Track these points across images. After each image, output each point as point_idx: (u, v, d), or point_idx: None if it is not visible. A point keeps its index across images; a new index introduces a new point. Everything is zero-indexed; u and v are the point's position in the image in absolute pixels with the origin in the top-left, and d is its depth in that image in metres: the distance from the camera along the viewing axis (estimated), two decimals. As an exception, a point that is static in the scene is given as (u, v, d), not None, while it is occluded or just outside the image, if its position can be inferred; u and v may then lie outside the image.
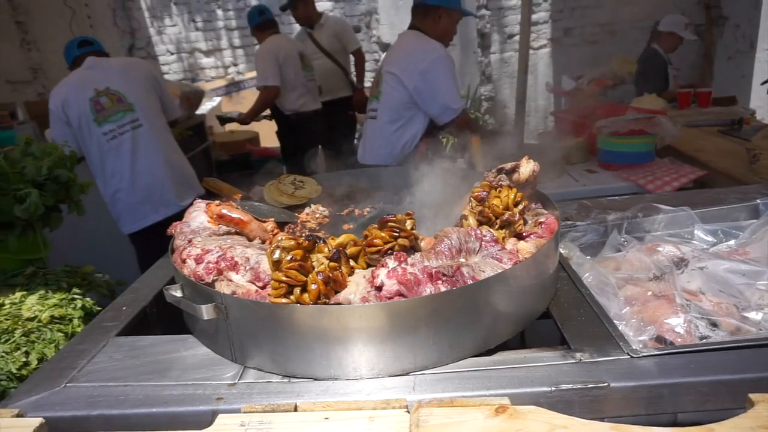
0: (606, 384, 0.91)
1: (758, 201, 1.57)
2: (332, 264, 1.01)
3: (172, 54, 7.31)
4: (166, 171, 3.01)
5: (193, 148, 4.36)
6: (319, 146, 4.55)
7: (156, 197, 2.99)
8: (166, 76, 7.07)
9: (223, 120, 4.97)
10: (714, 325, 1.07)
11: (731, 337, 1.05)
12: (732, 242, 1.43)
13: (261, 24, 4.40)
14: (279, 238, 1.06)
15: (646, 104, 3.79)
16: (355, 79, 5.06)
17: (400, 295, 0.98)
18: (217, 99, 6.49)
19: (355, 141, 5.43)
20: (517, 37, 6.44)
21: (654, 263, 1.24)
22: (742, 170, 2.61)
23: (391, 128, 2.95)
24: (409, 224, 1.10)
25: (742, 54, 6.34)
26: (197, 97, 4.92)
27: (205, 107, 5.63)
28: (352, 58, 5.07)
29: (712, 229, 1.50)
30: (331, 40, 4.80)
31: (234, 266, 1.09)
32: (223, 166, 5.31)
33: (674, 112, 3.95)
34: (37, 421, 0.84)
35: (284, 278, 0.97)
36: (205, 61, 7.34)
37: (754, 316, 1.10)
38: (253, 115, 4.59)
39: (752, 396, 0.78)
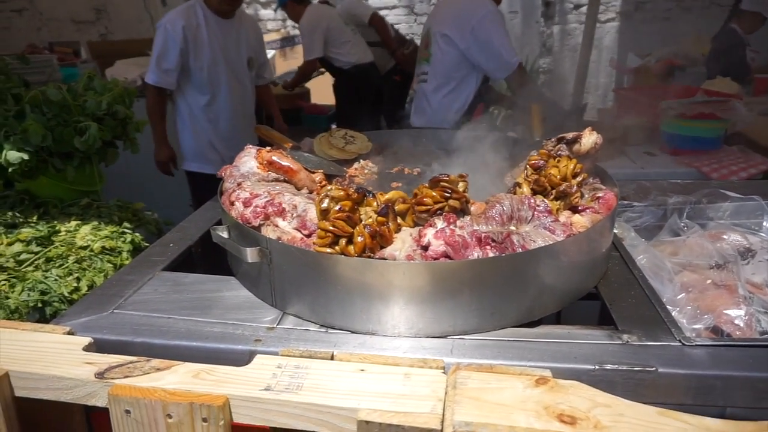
0: (654, 368, 0.87)
1: (838, 196, 1.45)
2: (380, 219, 1.00)
3: (230, 4, 7.29)
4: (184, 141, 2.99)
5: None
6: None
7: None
8: (223, 26, 7.07)
9: (273, 84, 5.21)
10: (777, 321, 1.01)
11: (795, 335, 0.99)
12: (804, 238, 1.34)
13: None
14: (328, 188, 1.05)
15: (717, 87, 3.55)
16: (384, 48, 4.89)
17: (446, 256, 0.96)
18: (271, 52, 6.47)
19: (406, 105, 5.35)
20: (584, 9, 6.13)
21: (717, 251, 1.17)
22: (819, 165, 2.43)
23: (443, 91, 2.86)
24: (461, 186, 1.06)
25: (831, 40, 5.84)
26: (252, 47, 4.95)
27: (259, 59, 5.64)
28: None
29: (783, 222, 1.40)
30: (346, 18, 4.70)
31: (281, 212, 1.09)
32: (272, 119, 5.37)
33: (749, 99, 3.68)
34: (86, 340, 0.87)
35: (331, 228, 0.96)
36: (263, 12, 7.31)
37: (823, 316, 1.03)
38: (295, 84, 5.07)
39: (817, 397, 0.72)
